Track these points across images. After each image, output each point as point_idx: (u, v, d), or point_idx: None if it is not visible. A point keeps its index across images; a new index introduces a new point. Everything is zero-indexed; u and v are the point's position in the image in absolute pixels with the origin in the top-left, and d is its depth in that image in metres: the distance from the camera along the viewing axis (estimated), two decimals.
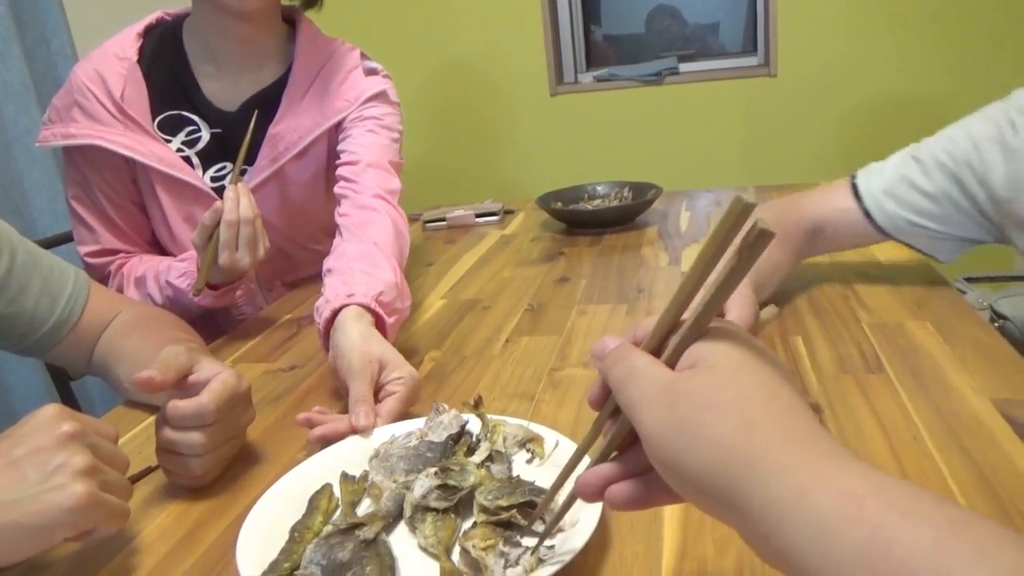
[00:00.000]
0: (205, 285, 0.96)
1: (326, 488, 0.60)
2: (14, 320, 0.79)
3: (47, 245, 1.02)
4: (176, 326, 0.89)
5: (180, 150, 1.11)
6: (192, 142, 1.12)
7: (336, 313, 0.79)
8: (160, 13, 1.16)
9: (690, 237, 1.29)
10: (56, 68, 1.78)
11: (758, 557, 0.31)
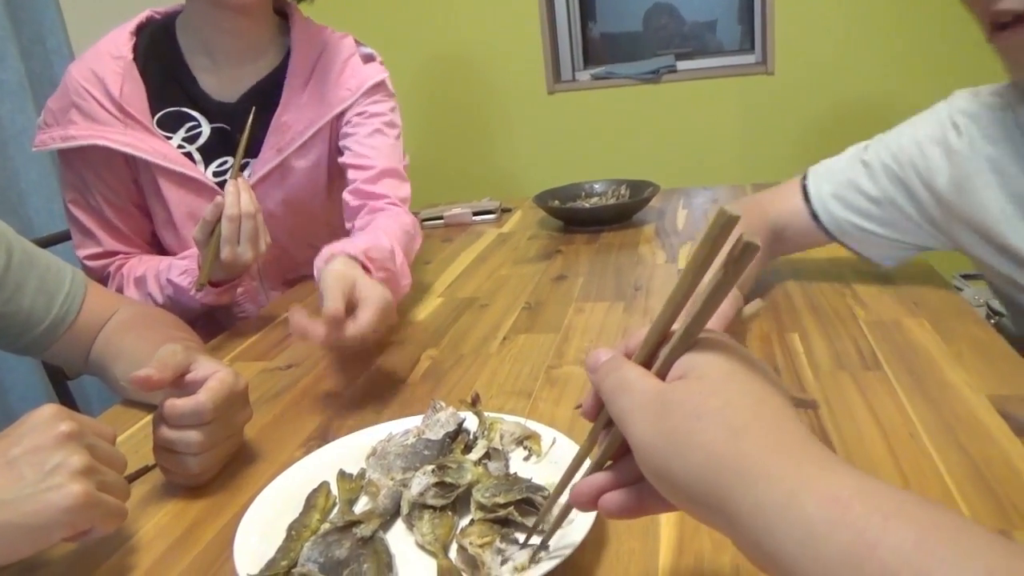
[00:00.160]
0: (207, 282, 0.96)
1: (323, 486, 0.60)
2: (11, 319, 0.79)
3: (44, 244, 1.02)
4: (173, 325, 0.89)
5: (181, 146, 1.11)
6: (193, 138, 1.12)
7: (328, 261, 0.83)
8: (149, 12, 1.15)
9: (687, 235, 1.29)
10: (52, 67, 1.77)
11: (751, 563, 0.31)
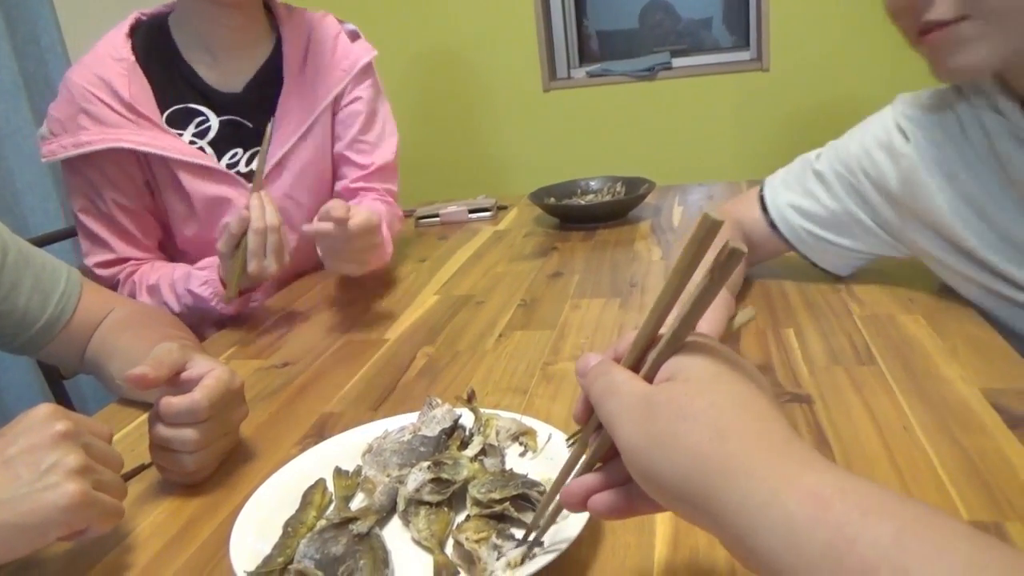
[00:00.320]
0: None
1: (319, 483, 0.60)
2: (6, 318, 0.79)
3: (39, 244, 1.01)
4: (169, 323, 0.89)
5: (192, 142, 1.12)
6: (202, 133, 1.14)
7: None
8: (137, 13, 1.16)
9: (683, 231, 1.29)
10: (47, 66, 1.77)
11: (736, 560, 0.32)
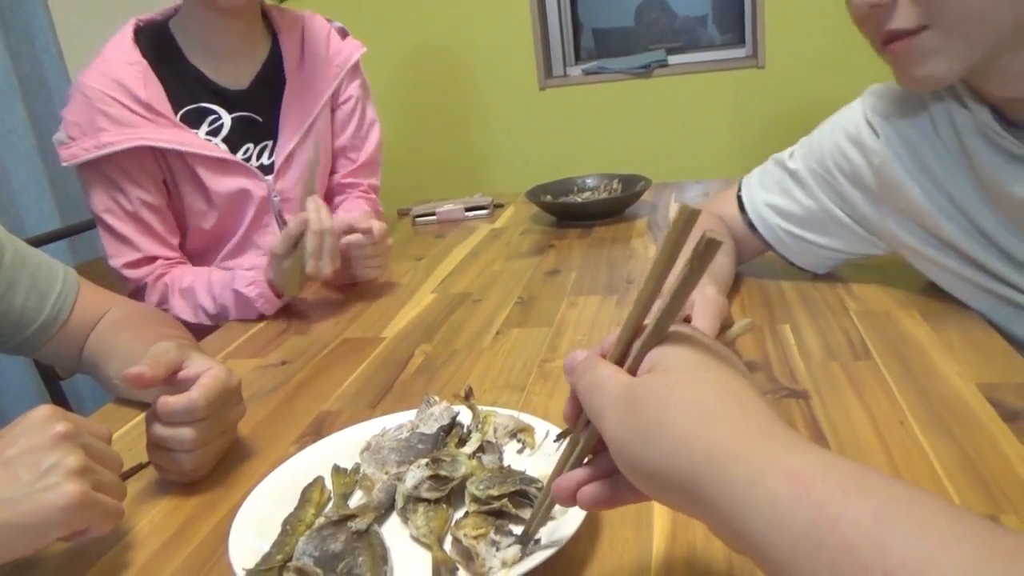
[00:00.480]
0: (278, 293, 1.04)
1: (318, 481, 0.60)
2: (3, 318, 0.79)
3: (35, 244, 1.01)
4: (166, 323, 0.89)
5: (207, 140, 1.15)
6: (215, 131, 1.16)
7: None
8: (134, 20, 1.17)
9: None
10: (41, 66, 1.76)
11: (723, 543, 0.32)
